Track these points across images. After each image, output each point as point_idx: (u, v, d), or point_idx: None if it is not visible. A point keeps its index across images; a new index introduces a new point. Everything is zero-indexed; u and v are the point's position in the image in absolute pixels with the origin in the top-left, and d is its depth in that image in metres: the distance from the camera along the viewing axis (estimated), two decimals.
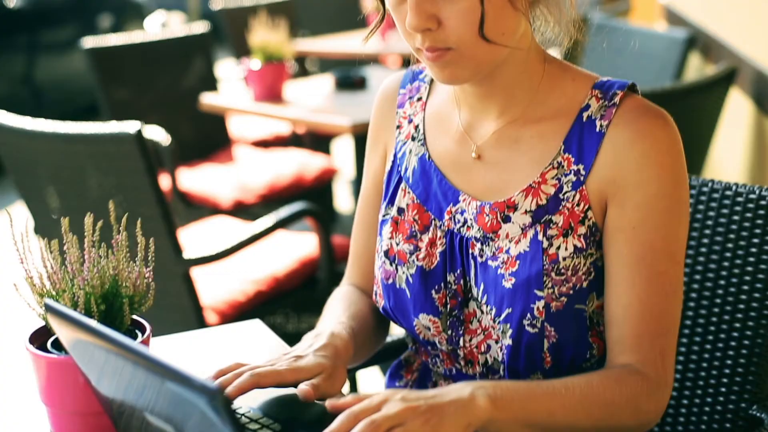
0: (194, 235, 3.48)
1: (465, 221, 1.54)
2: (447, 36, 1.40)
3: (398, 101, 1.70)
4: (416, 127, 1.65)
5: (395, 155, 1.67)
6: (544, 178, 1.49)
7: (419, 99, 1.68)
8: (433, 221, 1.59)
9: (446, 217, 1.57)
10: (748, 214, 1.78)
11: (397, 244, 1.61)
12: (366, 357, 1.73)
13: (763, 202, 1.76)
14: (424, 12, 1.38)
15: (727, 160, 4.15)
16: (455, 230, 1.56)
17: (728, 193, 1.81)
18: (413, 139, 1.65)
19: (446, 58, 1.42)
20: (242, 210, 4.09)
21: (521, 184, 1.50)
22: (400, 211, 1.62)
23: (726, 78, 3.55)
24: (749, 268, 1.77)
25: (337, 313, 1.64)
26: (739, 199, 1.79)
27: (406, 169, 1.63)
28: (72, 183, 2.73)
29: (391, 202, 1.64)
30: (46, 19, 7.12)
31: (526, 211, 1.49)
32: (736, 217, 1.80)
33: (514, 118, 1.53)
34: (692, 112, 3.48)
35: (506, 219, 1.50)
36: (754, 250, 1.77)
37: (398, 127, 1.68)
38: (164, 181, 3.75)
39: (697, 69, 4.82)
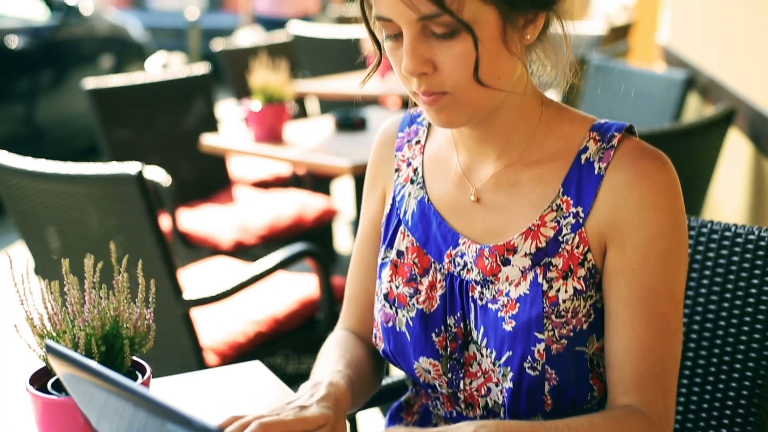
0: (194, 275, 3.47)
1: (465, 264, 1.55)
2: (443, 80, 1.40)
3: (397, 144, 1.71)
4: (415, 170, 1.66)
5: (394, 198, 1.67)
6: (543, 220, 1.49)
7: (418, 142, 1.69)
8: (432, 264, 1.59)
9: (446, 260, 1.57)
10: (748, 255, 1.78)
11: (397, 288, 1.61)
12: (362, 403, 1.72)
13: (762, 243, 1.76)
14: (420, 56, 1.39)
15: (727, 200, 4.16)
16: (455, 273, 1.56)
17: (727, 233, 1.82)
18: (412, 182, 1.65)
19: (442, 102, 1.43)
20: (242, 251, 4.09)
21: (520, 227, 1.51)
22: (400, 254, 1.63)
23: (725, 119, 3.56)
24: (749, 309, 1.77)
25: (332, 361, 1.64)
26: (739, 239, 1.80)
27: (405, 212, 1.64)
28: (72, 223, 2.73)
29: (391, 245, 1.65)
30: (47, 60, 7.15)
31: (525, 254, 1.49)
32: (735, 258, 1.80)
33: (512, 161, 1.54)
34: (691, 152, 3.49)
35: (506, 262, 1.50)
36: (753, 290, 1.77)
37: (397, 170, 1.69)
38: (164, 222, 3.76)
39: (695, 110, 4.84)
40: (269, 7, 8.41)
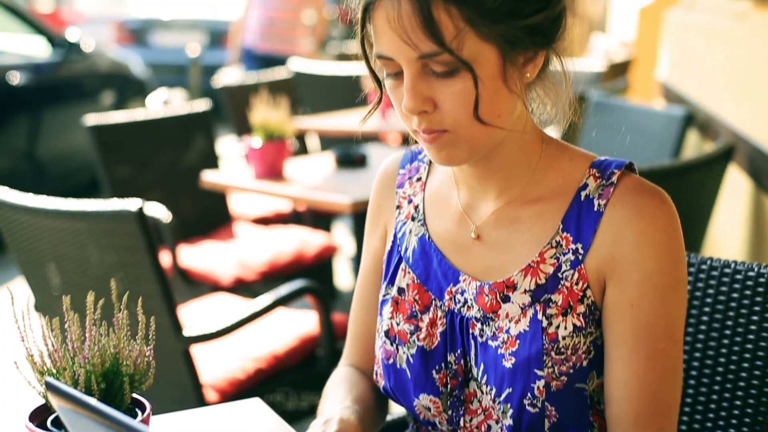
0: (194, 312, 3.47)
1: (465, 301, 1.55)
2: (443, 118, 1.41)
3: (398, 181, 1.72)
4: (416, 207, 1.67)
5: (395, 235, 1.68)
6: (542, 257, 1.49)
7: (419, 179, 1.69)
8: (433, 301, 1.59)
9: (446, 297, 1.57)
10: (747, 292, 1.78)
11: (398, 324, 1.61)
12: None
13: (762, 280, 1.76)
14: (420, 94, 1.40)
15: (726, 237, 4.16)
16: (455, 310, 1.56)
17: (727, 270, 1.82)
18: (413, 219, 1.66)
19: (443, 140, 1.43)
20: (243, 287, 4.09)
21: (520, 264, 1.51)
22: (401, 291, 1.63)
23: (724, 155, 3.57)
24: (749, 346, 1.77)
25: (340, 397, 1.64)
26: (738, 276, 1.80)
27: (406, 249, 1.64)
28: (73, 260, 2.73)
29: (392, 282, 1.65)
30: (48, 96, 7.17)
31: (525, 291, 1.49)
32: (735, 295, 1.80)
33: (512, 198, 1.54)
34: (691, 189, 3.49)
35: (506, 299, 1.50)
36: (753, 327, 1.77)
37: (398, 207, 1.69)
38: (165, 258, 3.76)
39: (695, 146, 4.85)
40: (258, 44, 8.22)
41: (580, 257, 1.47)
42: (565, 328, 1.47)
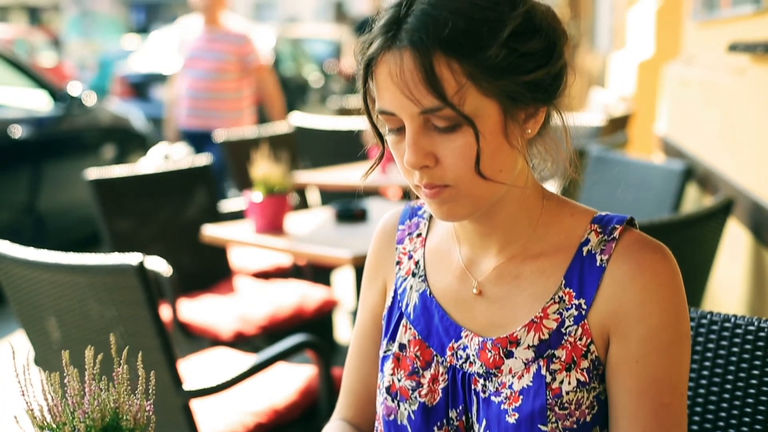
0: (194, 366, 3.46)
1: (467, 357, 1.55)
2: (444, 173, 1.42)
3: (397, 237, 1.72)
4: (417, 263, 1.67)
5: (395, 291, 1.68)
6: (545, 312, 1.50)
7: (419, 235, 1.70)
8: (435, 357, 1.59)
9: (448, 353, 1.57)
10: (748, 346, 1.78)
11: (399, 381, 1.61)
12: None
13: (762, 334, 1.76)
14: (422, 150, 1.41)
15: (726, 291, 4.16)
16: (457, 366, 1.56)
17: (727, 324, 1.82)
18: (414, 275, 1.66)
19: (444, 195, 1.44)
20: (243, 341, 4.08)
21: (523, 320, 1.51)
22: (402, 347, 1.63)
23: (723, 209, 3.58)
24: (750, 400, 1.77)
25: None
26: (739, 330, 1.80)
27: (407, 305, 1.65)
28: (73, 313, 2.73)
29: (393, 338, 1.65)
30: (50, 150, 7.20)
31: (528, 346, 1.49)
32: (735, 349, 1.80)
33: (514, 253, 1.55)
34: (691, 243, 3.50)
35: (509, 354, 1.50)
36: (754, 381, 1.77)
37: (398, 263, 1.70)
38: (165, 312, 3.76)
39: (694, 200, 4.86)
40: (193, 121, 7.17)
41: (584, 313, 1.48)
42: (569, 383, 1.47)
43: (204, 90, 7.09)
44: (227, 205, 5.23)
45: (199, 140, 7.18)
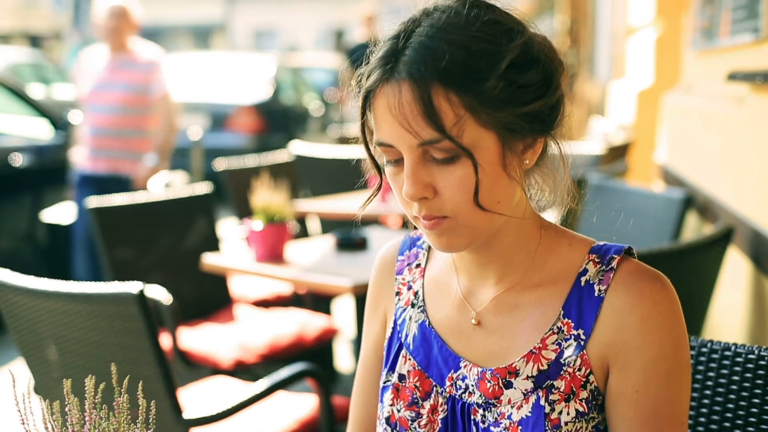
0: (194, 395, 3.46)
1: (466, 387, 1.55)
2: (443, 204, 1.43)
3: (397, 268, 1.72)
4: (416, 293, 1.67)
5: (395, 322, 1.68)
6: (544, 343, 1.50)
7: (418, 265, 1.70)
8: (434, 388, 1.59)
9: (447, 383, 1.57)
10: (748, 375, 1.78)
11: (399, 411, 1.61)
12: None
13: (762, 363, 1.76)
14: (421, 181, 1.42)
15: (727, 319, 4.15)
16: (457, 396, 1.56)
17: (728, 353, 1.82)
18: (413, 305, 1.66)
19: (443, 226, 1.45)
20: (243, 370, 4.08)
21: (522, 350, 1.51)
22: (401, 377, 1.63)
23: (723, 238, 3.58)
24: (751, 429, 1.77)
25: None
26: (739, 359, 1.80)
27: (407, 336, 1.65)
28: (73, 342, 2.73)
29: (392, 368, 1.65)
30: (50, 178, 7.20)
31: (527, 377, 1.49)
32: (736, 378, 1.80)
33: (512, 284, 1.55)
34: (691, 272, 3.49)
35: (508, 385, 1.50)
36: (755, 410, 1.76)
37: (397, 293, 1.70)
38: (165, 340, 3.75)
39: (694, 229, 4.86)
40: (99, 164, 6.27)
41: (583, 343, 1.48)
42: (568, 413, 1.47)
43: (109, 126, 6.24)
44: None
45: (106, 185, 6.12)
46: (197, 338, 4.24)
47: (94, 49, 6.61)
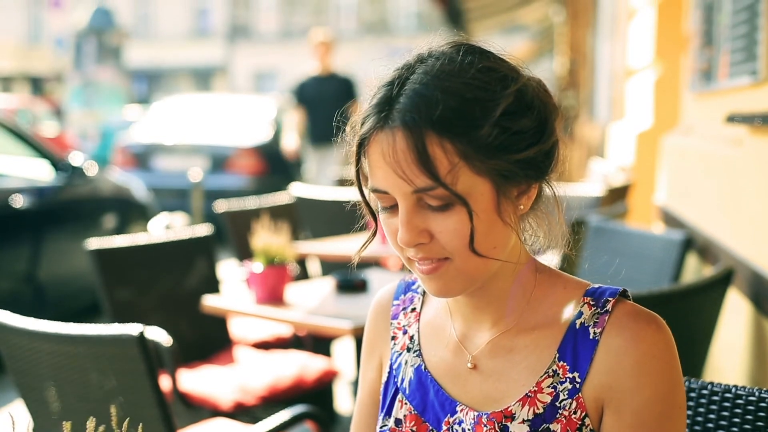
0: None
1: (463, 431, 1.55)
2: (440, 248, 1.43)
3: (392, 312, 1.73)
4: (411, 337, 1.67)
5: (391, 366, 1.68)
6: (540, 386, 1.50)
7: (413, 310, 1.71)
8: None
9: (444, 427, 1.57)
10: (749, 417, 1.78)
11: None
12: None
13: (763, 405, 1.76)
14: (416, 228, 1.42)
15: (727, 361, 4.15)
16: None
17: (728, 395, 1.82)
18: (408, 350, 1.67)
19: (439, 271, 1.45)
20: (243, 412, 4.06)
21: (518, 394, 1.51)
22: (398, 422, 1.63)
23: (723, 279, 3.58)
24: None
25: None
26: (739, 401, 1.80)
27: (403, 380, 1.65)
28: (72, 384, 2.73)
29: (389, 413, 1.65)
30: (51, 220, 7.21)
31: (523, 420, 1.49)
32: (736, 420, 1.80)
33: (507, 327, 1.55)
34: (691, 313, 3.49)
35: (504, 429, 1.50)
36: None
37: (393, 338, 1.70)
38: (164, 382, 3.74)
39: (694, 270, 4.86)
40: None
41: (578, 386, 1.48)
42: None
43: None
44: None
45: None
46: (197, 380, 4.23)
47: None
